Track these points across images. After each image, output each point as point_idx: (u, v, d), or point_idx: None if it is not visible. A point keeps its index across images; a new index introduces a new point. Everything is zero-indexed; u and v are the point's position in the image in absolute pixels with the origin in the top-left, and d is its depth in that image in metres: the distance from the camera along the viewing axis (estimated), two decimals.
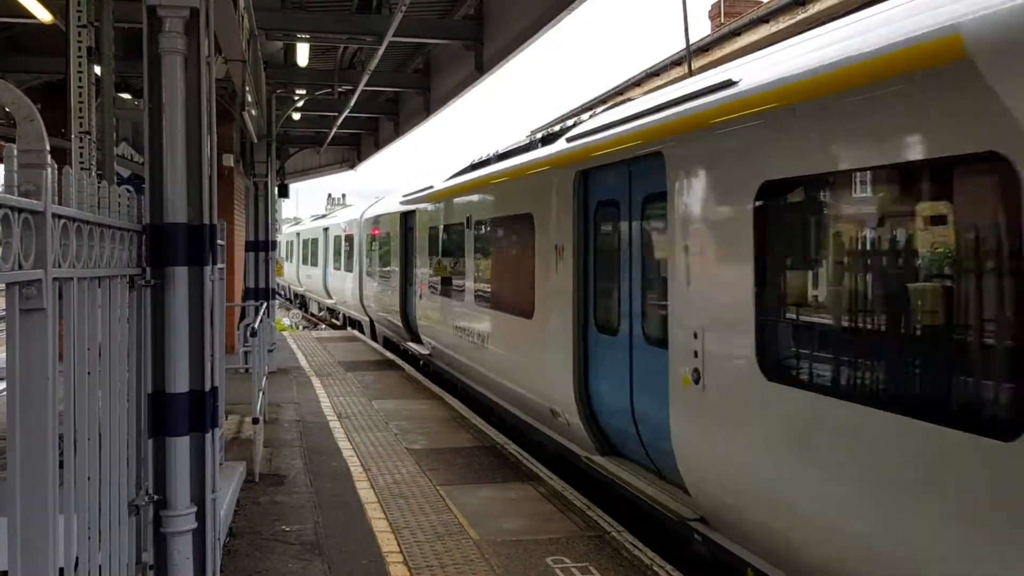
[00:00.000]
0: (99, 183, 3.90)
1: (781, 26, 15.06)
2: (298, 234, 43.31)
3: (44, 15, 9.76)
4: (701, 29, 23.59)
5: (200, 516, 4.71)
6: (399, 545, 6.74)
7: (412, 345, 16.94)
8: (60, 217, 3.19)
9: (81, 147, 6.10)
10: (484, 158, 12.36)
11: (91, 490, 3.74)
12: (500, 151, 11.81)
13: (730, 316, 5.72)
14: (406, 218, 17.66)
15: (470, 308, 12.24)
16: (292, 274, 43.14)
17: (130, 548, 4.41)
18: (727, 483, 5.84)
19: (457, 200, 13.06)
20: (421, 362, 17.12)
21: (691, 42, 14.19)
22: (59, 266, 3.21)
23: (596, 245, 8.22)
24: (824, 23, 13.82)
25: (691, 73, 10.61)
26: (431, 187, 14.98)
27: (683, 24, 10.52)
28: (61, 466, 3.49)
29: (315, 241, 34.11)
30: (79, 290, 3.53)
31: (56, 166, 3.17)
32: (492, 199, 11.35)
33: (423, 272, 15.49)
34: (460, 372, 13.53)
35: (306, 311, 40.75)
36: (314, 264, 34.28)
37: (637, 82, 21.59)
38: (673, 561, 6.48)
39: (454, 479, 8.66)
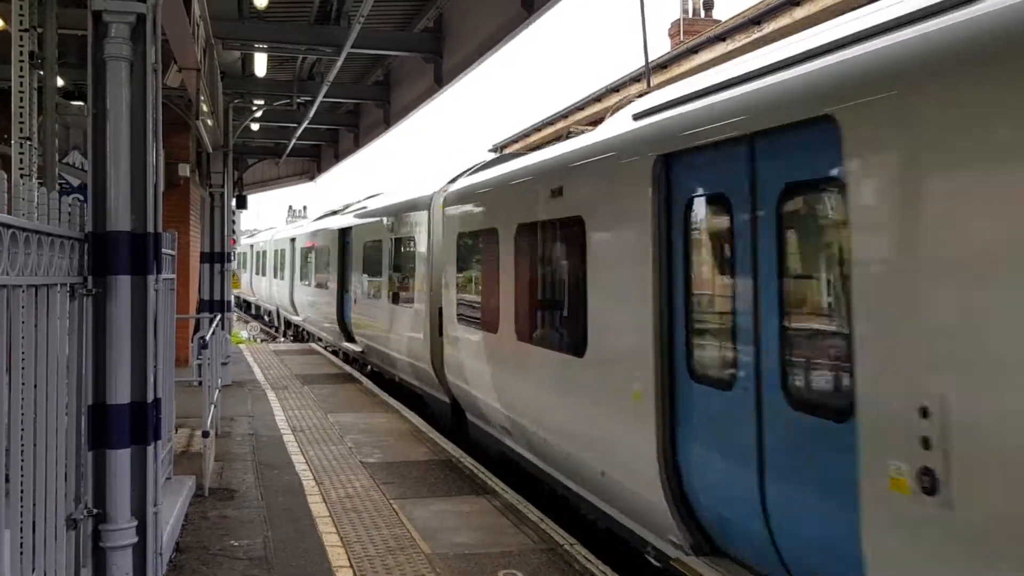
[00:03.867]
0: (38, 190, 3.82)
1: (737, 44, 15.29)
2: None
3: None
4: (661, 46, 23.85)
5: (141, 530, 4.62)
6: (349, 560, 6.65)
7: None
8: None
9: (21, 153, 5.98)
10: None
11: (25, 504, 3.65)
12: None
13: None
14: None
15: None
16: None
17: (67, 564, 4.31)
18: None
19: None
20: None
21: (650, 59, 14.33)
22: None
23: None
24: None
25: (650, 90, 10.69)
26: None
27: (642, 41, 10.61)
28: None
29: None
30: (13, 298, 3.45)
31: None
32: None
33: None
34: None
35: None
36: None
37: (597, 98, 21.75)
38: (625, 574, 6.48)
39: (408, 493, 8.59)
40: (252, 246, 43.04)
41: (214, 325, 10.64)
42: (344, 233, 19.79)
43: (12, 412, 3.51)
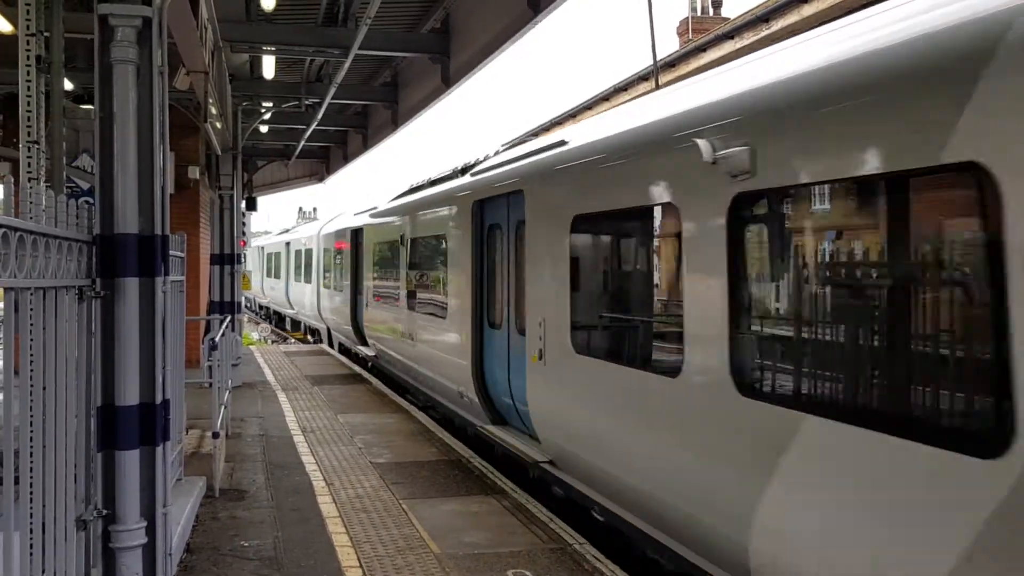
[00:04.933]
0: (45, 193, 3.85)
1: (745, 42, 15.25)
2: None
3: (4, 26, 9.66)
4: (670, 45, 23.83)
5: (150, 531, 4.64)
6: (359, 560, 6.67)
7: None
8: None
9: (29, 157, 6.02)
10: None
11: (35, 505, 3.67)
12: None
13: None
14: None
15: None
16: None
17: (78, 564, 4.33)
18: None
19: None
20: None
21: (659, 58, 14.32)
22: None
23: None
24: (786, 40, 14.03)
25: (658, 87, 10.68)
26: None
27: (650, 40, 10.60)
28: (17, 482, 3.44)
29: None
30: (21, 301, 3.48)
31: None
32: None
33: None
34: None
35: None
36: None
37: (606, 97, 21.73)
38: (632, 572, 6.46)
39: (417, 493, 8.60)
40: (288, 243, 33.67)
41: (224, 326, 10.68)
42: (484, 209, 10.33)
43: (22, 413, 3.54)
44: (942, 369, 4.00)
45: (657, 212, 6.24)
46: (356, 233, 19.86)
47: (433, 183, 13.31)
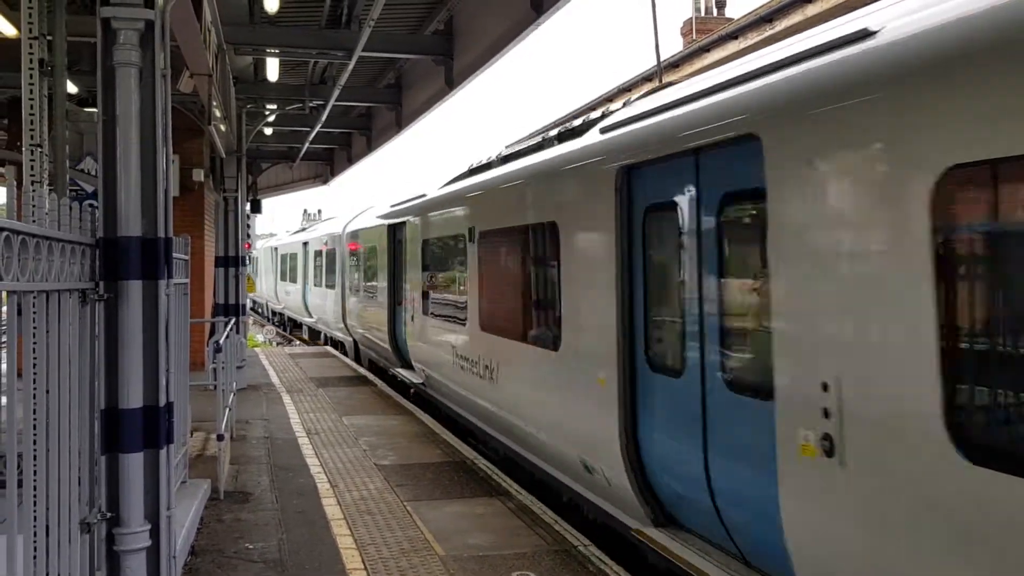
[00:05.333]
0: (48, 196, 3.85)
1: (749, 42, 15.24)
2: None
3: (9, 29, 9.68)
4: (673, 45, 23.82)
5: (154, 534, 4.64)
6: (364, 562, 6.67)
7: None
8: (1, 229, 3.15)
9: (32, 160, 6.03)
10: None
11: (39, 508, 3.67)
12: None
13: None
14: None
15: None
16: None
17: (81, 567, 4.33)
18: None
19: None
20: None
21: (662, 58, 14.29)
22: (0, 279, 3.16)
23: None
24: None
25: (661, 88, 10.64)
26: None
27: (654, 40, 10.58)
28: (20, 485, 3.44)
29: None
30: (24, 304, 3.48)
31: None
32: None
33: None
34: None
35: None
36: None
37: (609, 98, 21.74)
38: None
39: (422, 495, 8.60)
40: (306, 243, 28.83)
41: (228, 329, 10.69)
42: (635, 180, 6.57)
43: (25, 417, 3.54)
44: None
45: None
46: (395, 229, 16.13)
47: (505, 160, 10.17)
